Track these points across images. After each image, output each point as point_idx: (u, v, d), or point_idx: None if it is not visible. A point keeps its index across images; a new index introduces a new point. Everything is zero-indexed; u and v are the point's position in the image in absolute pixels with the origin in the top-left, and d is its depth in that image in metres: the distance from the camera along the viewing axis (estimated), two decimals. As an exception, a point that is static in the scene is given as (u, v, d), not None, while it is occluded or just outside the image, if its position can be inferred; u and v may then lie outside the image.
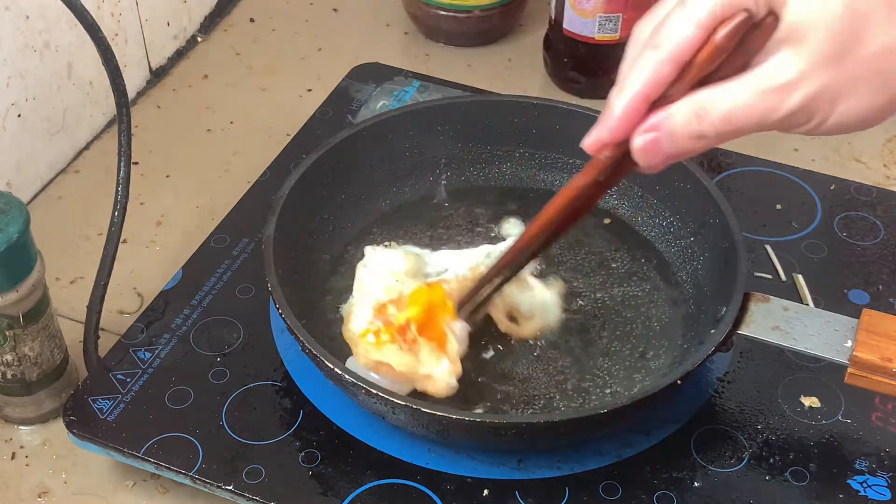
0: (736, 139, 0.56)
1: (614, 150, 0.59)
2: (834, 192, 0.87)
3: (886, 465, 0.69)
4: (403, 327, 0.70)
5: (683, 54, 0.55)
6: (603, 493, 0.67)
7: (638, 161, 0.57)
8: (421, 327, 0.70)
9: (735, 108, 0.54)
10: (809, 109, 0.53)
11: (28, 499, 0.71)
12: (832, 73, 0.53)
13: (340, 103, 0.95)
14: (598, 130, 0.58)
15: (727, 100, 0.54)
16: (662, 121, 0.55)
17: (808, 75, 0.53)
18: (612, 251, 0.81)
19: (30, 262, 0.69)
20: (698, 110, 0.54)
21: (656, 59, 0.55)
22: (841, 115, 0.54)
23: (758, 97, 0.53)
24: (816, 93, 0.53)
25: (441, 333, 0.71)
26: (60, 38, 0.89)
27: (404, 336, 0.70)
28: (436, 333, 0.71)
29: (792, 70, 0.53)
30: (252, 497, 0.67)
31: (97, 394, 0.72)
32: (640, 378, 0.73)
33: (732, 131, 0.55)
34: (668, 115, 0.55)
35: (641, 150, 0.57)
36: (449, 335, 0.71)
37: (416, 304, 0.71)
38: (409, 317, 0.70)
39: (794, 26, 0.53)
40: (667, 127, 0.55)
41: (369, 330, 0.70)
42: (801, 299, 0.78)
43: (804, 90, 0.53)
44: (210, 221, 0.86)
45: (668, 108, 0.55)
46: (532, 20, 1.10)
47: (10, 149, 0.87)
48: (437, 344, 0.70)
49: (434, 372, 0.69)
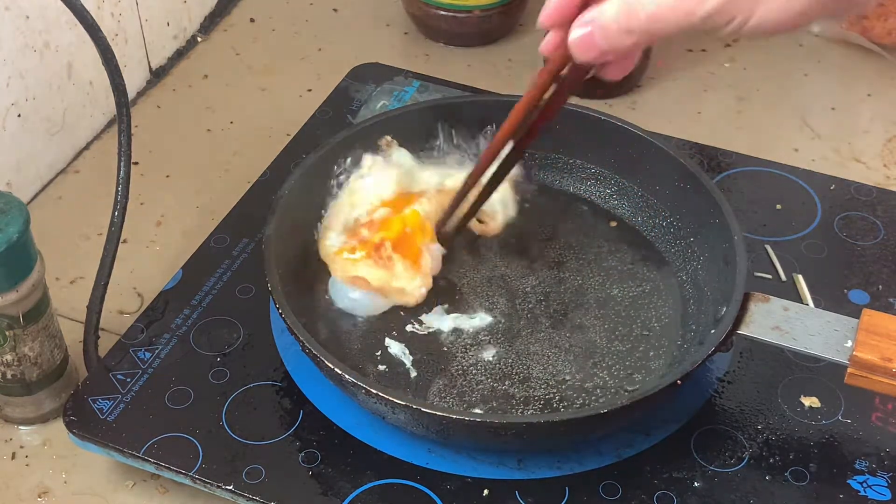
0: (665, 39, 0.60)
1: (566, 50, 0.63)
2: (834, 192, 0.87)
3: (886, 465, 0.69)
4: (378, 245, 0.76)
5: None
6: (603, 493, 0.67)
7: (574, 55, 0.62)
8: (395, 246, 0.76)
9: (660, 7, 0.57)
10: (728, 10, 0.56)
11: (28, 499, 0.71)
12: None
13: (340, 103, 0.95)
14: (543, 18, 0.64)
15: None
16: (595, 17, 0.60)
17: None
18: (612, 251, 0.81)
19: (30, 262, 0.69)
20: (628, 8, 0.58)
21: None
22: (761, 17, 0.56)
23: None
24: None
25: (416, 252, 0.77)
26: (60, 38, 0.89)
27: (379, 253, 0.76)
28: (410, 252, 0.77)
29: None
30: (252, 497, 0.67)
31: (97, 394, 0.72)
32: (640, 378, 0.73)
33: (659, 29, 0.58)
34: (601, 12, 0.60)
35: (577, 43, 0.61)
36: (424, 253, 0.77)
37: (390, 228, 0.77)
38: (384, 237, 0.77)
39: None
40: (599, 21, 0.60)
41: (344, 249, 0.77)
42: (801, 299, 0.78)
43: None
44: (210, 221, 0.86)
45: (600, 6, 0.60)
46: (532, 20, 1.10)
47: (10, 149, 0.87)
48: (411, 261, 0.77)
49: (406, 286, 0.76)
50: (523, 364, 0.74)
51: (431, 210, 0.79)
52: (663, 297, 0.78)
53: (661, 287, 0.79)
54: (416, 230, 0.78)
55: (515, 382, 0.73)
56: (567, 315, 0.77)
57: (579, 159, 0.85)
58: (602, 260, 0.81)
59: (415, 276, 0.77)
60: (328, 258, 0.78)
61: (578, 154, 0.85)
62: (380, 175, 0.81)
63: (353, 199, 0.80)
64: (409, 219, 0.78)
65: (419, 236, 0.78)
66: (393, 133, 0.83)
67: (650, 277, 0.80)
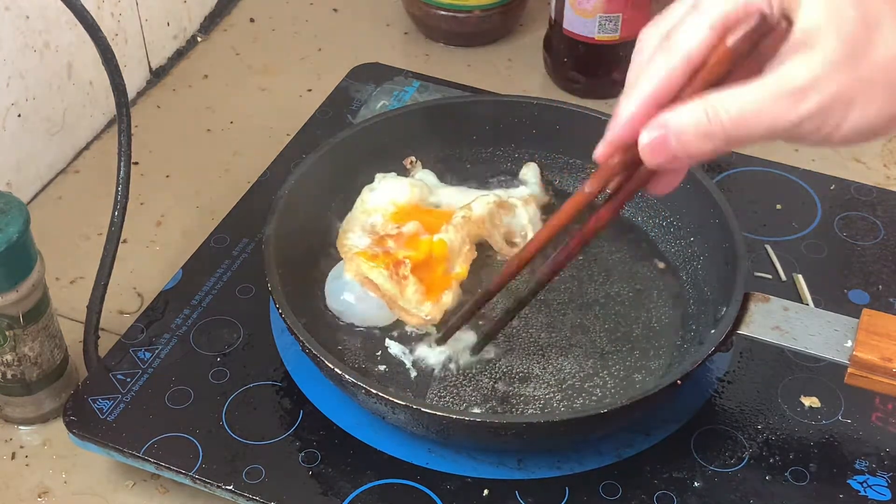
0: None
1: (623, 156, 0.58)
2: (834, 192, 0.87)
3: (886, 465, 0.69)
4: (399, 262, 0.75)
5: (696, 57, 0.54)
6: (603, 493, 0.67)
7: (644, 159, 0.56)
8: (415, 268, 0.75)
9: (746, 110, 0.53)
10: (822, 116, 0.53)
11: (28, 499, 0.71)
12: (844, 80, 0.52)
13: (340, 103, 0.95)
14: (608, 135, 0.57)
15: (738, 101, 0.53)
16: (671, 118, 0.54)
17: (822, 80, 0.52)
18: (613, 251, 0.81)
19: (30, 262, 0.69)
20: (708, 109, 0.53)
21: (668, 63, 0.55)
22: (852, 123, 0.53)
23: (770, 100, 0.53)
24: (829, 98, 0.52)
25: (432, 281, 0.75)
26: (60, 38, 0.89)
27: (397, 270, 0.75)
28: (427, 279, 0.75)
29: (805, 75, 0.52)
30: (252, 497, 0.67)
31: (97, 394, 0.72)
32: (640, 378, 0.73)
33: (742, 135, 0.54)
34: (678, 113, 0.54)
35: (648, 147, 0.55)
36: (447, 292, 0.75)
37: (417, 249, 0.76)
38: (407, 256, 0.75)
39: (807, 31, 0.52)
40: (675, 124, 0.54)
41: (368, 253, 0.76)
42: (801, 299, 0.78)
43: (817, 95, 0.52)
44: (210, 221, 0.86)
45: (677, 108, 0.54)
46: (532, 20, 1.10)
47: (10, 149, 0.87)
48: (425, 288, 0.75)
49: (412, 309, 0.75)
50: (523, 364, 0.74)
51: (457, 240, 0.77)
52: (663, 297, 0.78)
53: (661, 287, 0.79)
54: (440, 259, 0.76)
55: (515, 382, 0.73)
56: (567, 315, 0.77)
57: (579, 159, 0.85)
58: (602, 260, 0.81)
59: (423, 303, 0.75)
60: (346, 255, 0.77)
61: (578, 154, 0.85)
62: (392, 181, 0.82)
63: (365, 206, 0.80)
64: (437, 247, 0.77)
65: (441, 266, 0.76)
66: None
67: (650, 277, 0.80)
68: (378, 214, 0.80)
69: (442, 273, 0.76)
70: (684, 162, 0.56)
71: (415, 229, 0.78)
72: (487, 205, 0.80)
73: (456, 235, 0.77)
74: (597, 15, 0.95)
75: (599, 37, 0.97)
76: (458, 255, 0.77)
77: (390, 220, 0.79)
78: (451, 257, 0.77)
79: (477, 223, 0.79)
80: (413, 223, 0.78)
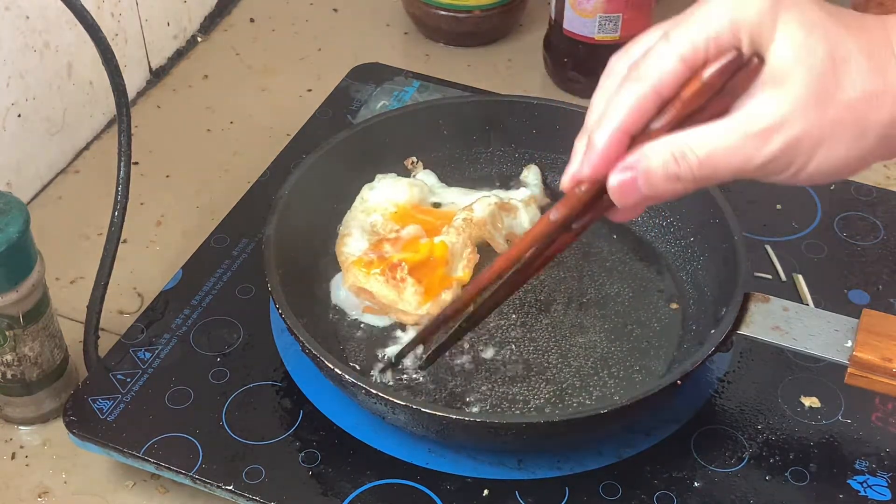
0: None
1: (591, 186, 0.57)
2: (834, 192, 0.87)
3: (886, 465, 0.69)
4: (395, 265, 0.75)
5: (665, 88, 0.54)
6: (603, 493, 0.67)
7: (613, 199, 0.56)
8: (413, 270, 0.75)
9: (714, 153, 0.53)
10: (788, 156, 0.53)
11: (28, 499, 0.71)
12: (812, 119, 0.52)
13: (340, 103, 0.95)
14: (578, 165, 0.57)
15: (706, 143, 0.53)
16: (640, 161, 0.54)
17: (789, 119, 0.52)
18: (613, 251, 0.81)
19: (30, 262, 0.69)
20: (676, 152, 0.54)
21: (638, 92, 0.54)
22: (819, 163, 0.53)
23: (738, 142, 0.53)
24: (796, 138, 0.52)
25: (432, 282, 0.75)
26: (60, 38, 0.89)
27: (394, 273, 0.75)
28: (427, 280, 0.75)
29: (773, 113, 0.52)
30: (252, 497, 0.67)
31: (97, 394, 0.72)
32: (639, 378, 0.73)
33: (710, 176, 0.54)
34: (646, 157, 0.54)
35: (617, 189, 0.56)
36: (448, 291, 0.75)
37: (416, 251, 0.76)
38: (404, 258, 0.75)
39: (777, 69, 0.52)
40: (643, 167, 0.54)
41: (363, 260, 0.76)
42: (801, 299, 0.78)
43: (785, 135, 0.52)
44: (210, 221, 0.86)
45: (645, 149, 0.54)
46: (532, 20, 1.10)
47: (10, 149, 0.87)
48: (425, 289, 0.75)
49: (410, 310, 0.75)
50: (523, 364, 0.74)
51: (459, 242, 0.77)
52: (663, 297, 0.78)
53: (661, 287, 0.79)
54: (440, 261, 0.76)
55: (515, 382, 0.73)
56: (567, 315, 0.77)
57: (579, 159, 0.85)
58: (602, 260, 0.81)
59: (424, 304, 0.75)
60: (344, 264, 0.77)
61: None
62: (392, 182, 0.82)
63: (365, 205, 0.81)
64: (438, 249, 0.76)
65: (441, 268, 0.76)
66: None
67: (650, 277, 0.80)
68: (377, 214, 0.80)
69: (442, 275, 0.76)
70: (653, 202, 0.57)
71: (414, 233, 0.77)
72: (489, 206, 0.80)
73: (457, 238, 0.77)
74: (597, 15, 0.95)
75: (599, 37, 0.97)
76: (460, 257, 0.77)
77: (390, 221, 0.79)
78: (451, 259, 0.77)
79: (478, 225, 0.79)
80: (412, 227, 0.78)
